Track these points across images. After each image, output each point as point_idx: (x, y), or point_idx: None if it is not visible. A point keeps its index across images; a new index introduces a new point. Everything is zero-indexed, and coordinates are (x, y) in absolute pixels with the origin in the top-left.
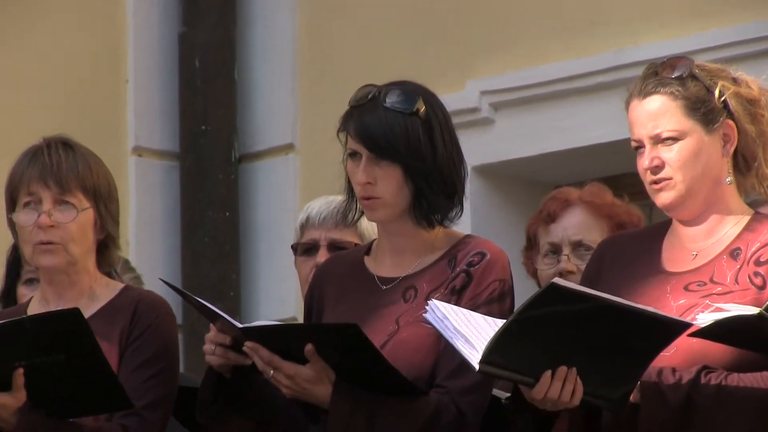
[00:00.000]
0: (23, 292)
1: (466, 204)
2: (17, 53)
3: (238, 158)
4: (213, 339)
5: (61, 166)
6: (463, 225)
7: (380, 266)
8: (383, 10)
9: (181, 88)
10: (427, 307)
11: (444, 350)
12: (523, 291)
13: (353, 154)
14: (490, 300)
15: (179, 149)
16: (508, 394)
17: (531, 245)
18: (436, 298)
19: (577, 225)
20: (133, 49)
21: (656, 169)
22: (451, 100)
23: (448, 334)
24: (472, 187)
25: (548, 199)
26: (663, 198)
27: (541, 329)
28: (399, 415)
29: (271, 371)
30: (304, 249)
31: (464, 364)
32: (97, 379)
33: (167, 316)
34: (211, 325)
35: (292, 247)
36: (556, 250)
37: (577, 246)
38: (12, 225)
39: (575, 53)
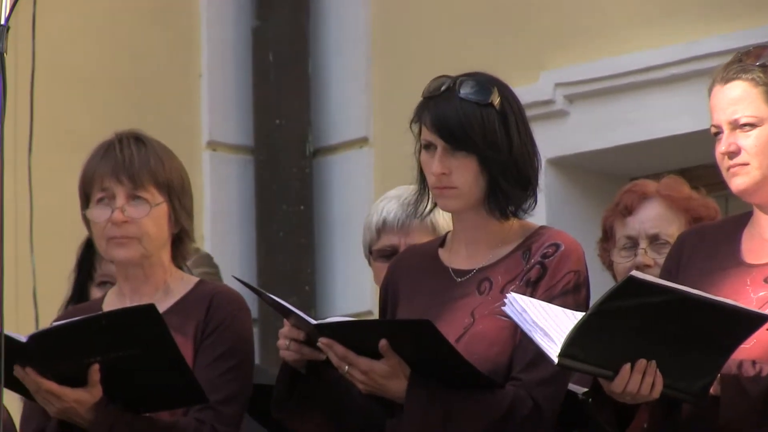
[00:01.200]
0: (96, 294)
1: (541, 196)
2: (90, 49)
3: (313, 152)
4: (287, 334)
5: (133, 161)
6: (538, 217)
7: (455, 258)
8: (457, 1)
9: (254, 82)
10: (505, 300)
11: (519, 343)
12: (598, 283)
13: (428, 146)
14: (564, 291)
15: (253, 143)
16: (585, 389)
17: (607, 237)
18: (511, 291)
19: (654, 218)
20: (206, 44)
21: (732, 154)
22: (525, 92)
23: (526, 327)
24: (546, 179)
25: (625, 191)
26: (738, 183)
27: (620, 322)
28: (475, 408)
29: (346, 367)
30: (382, 254)
31: (540, 356)
32: (172, 373)
33: (242, 311)
34: (285, 320)
35: (365, 247)
36: (633, 243)
37: (654, 240)
38: (86, 221)
39: (650, 44)
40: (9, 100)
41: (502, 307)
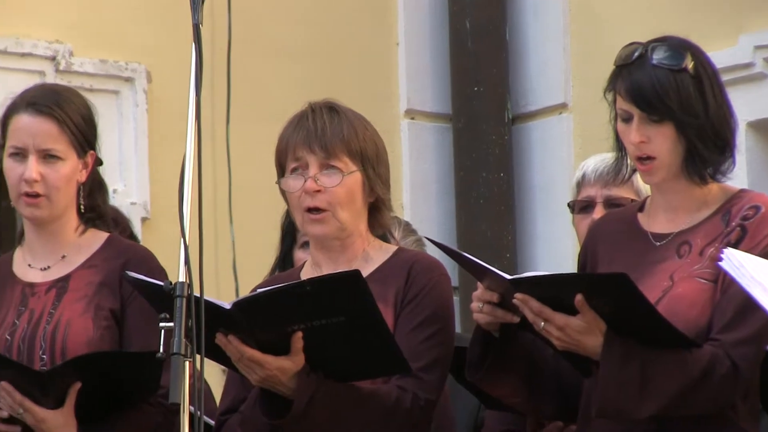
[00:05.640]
0: (300, 256)
1: (741, 159)
2: (287, 19)
3: (512, 118)
4: (480, 297)
5: (325, 130)
6: (739, 180)
7: (654, 223)
8: None
9: (452, 50)
10: (722, 255)
11: (718, 304)
12: None
13: (624, 114)
14: (765, 253)
15: (452, 111)
16: None
17: None
18: (710, 253)
19: None
20: (403, 12)
21: None
22: (724, 55)
23: (744, 282)
24: (747, 142)
25: None
26: None
27: None
28: (672, 366)
29: (542, 323)
30: (580, 206)
31: (739, 317)
32: (374, 341)
33: (442, 277)
34: (479, 283)
35: (568, 204)
36: None
37: None
38: (282, 191)
39: None
40: (206, 72)
41: (718, 263)
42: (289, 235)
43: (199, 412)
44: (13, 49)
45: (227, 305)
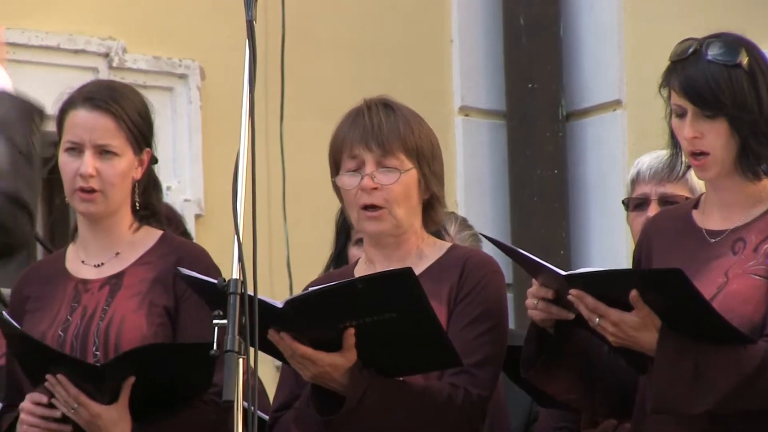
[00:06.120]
0: (354, 253)
1: None
2: (340, 16)
3: (566, 115)
4: (535, 293)
5: (382, 127)
6: None
7: (708, 219)
8: None
9: (506, 47)
10: None
11: None
12: None
13: (678, 110)
14: None
15: (506, 108)
16: None
17: None
18: (764, 250)
19: None
20: (457, 9)
21: None
22: None
23: None
24: None
25: None
26: None
27: None
28: (727, 363)
29: (597, 319)
30: (635, 204)
31: None
32: (426, 337)
33: (496, 274)
34: (534, 279)
35: (623, 202)
36: None
37: None
38: (337, 188)
39: None
40: (260, 68)
41: None
42: (344, 232)
43: (252, 409)
44: (66, 46)
45: (279, 304)
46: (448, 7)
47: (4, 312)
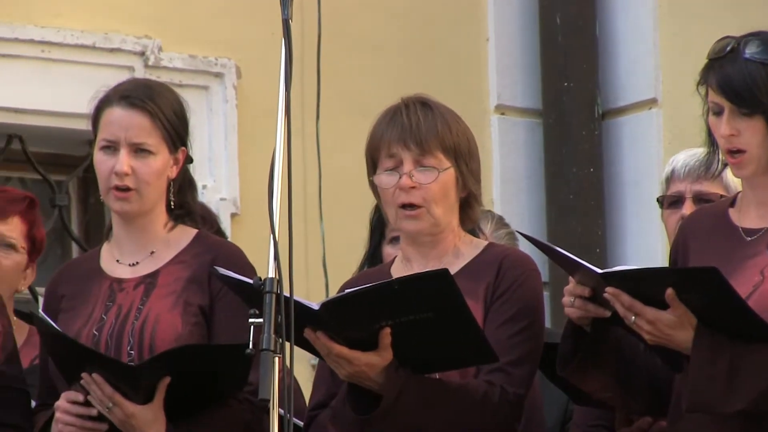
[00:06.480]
0: (389, 251)
1: None
2: (376, 14)
3: (602, 114)
4: (572, 291)
5: (420, 126)
6: None
7: (745, 218)
8: None
9: (542, 46)
10: None
11: None
12: None
13: (715, 108)
14: None
15: (542, 106)
16: None
17: None
18: None
19: None
20: (493, 7)
21: None
22: None
23: None
24: None
25: None
26: None
27: None
28: (762, 362)
29: (633, 317)
30: (669, 201)
31: None
32: (463, 335)
33: (532, 272)
34: (570, 277)
35: (657, 200)
36: None
37: None
38: (374, 187)
39: None
40: (296, 67)
41: None
42: (378, 230)
43: (287, 409)
44: (102, 45)
45: (315, 306)
46: (485, 5)
47: (40, 310)
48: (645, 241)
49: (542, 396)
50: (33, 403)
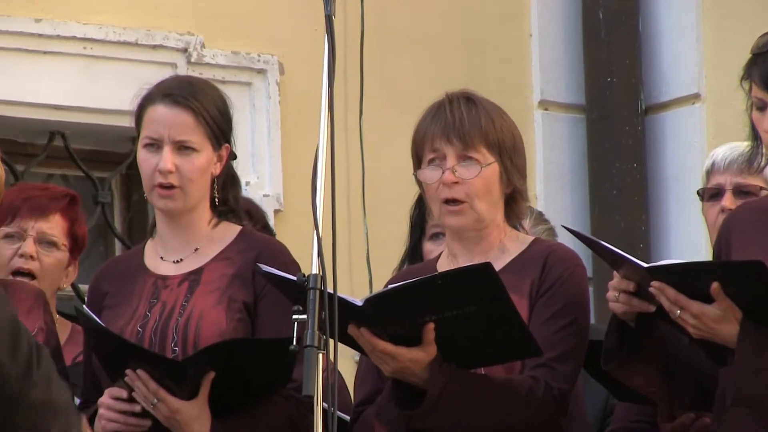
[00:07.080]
0: (429, 247)
1: None
2: (420, 10)
3: (645, 109)
4: (616, 286)
5: (463, 121)
6: None
7: None
8: None
9: (585, 41)
10: None
11: None
12: None
13: (759, 103)
14: None
15: (585, 102)
16: None
17: None
18: None
19: None
20: (536, 3)
21: None
22: None
23: None
24: None
25: None
26: None
27: None
28: None
29: (678, 311)
30: (709, 194)
31: None
32: (507, 329)
33: (578, 268)
34: (615, 272)
35: (698, 192)
36: None
37: None
38: (419, 182)
39: None
40: (339, 63)
41: None
42: (418, 226)
43: (332, 405)
44: (144, 41)
45: (359, 302)
46: (528, 1)
47: (84, 306)
48: (688, 236)
49: (583, 389)
50: (76, 401)
